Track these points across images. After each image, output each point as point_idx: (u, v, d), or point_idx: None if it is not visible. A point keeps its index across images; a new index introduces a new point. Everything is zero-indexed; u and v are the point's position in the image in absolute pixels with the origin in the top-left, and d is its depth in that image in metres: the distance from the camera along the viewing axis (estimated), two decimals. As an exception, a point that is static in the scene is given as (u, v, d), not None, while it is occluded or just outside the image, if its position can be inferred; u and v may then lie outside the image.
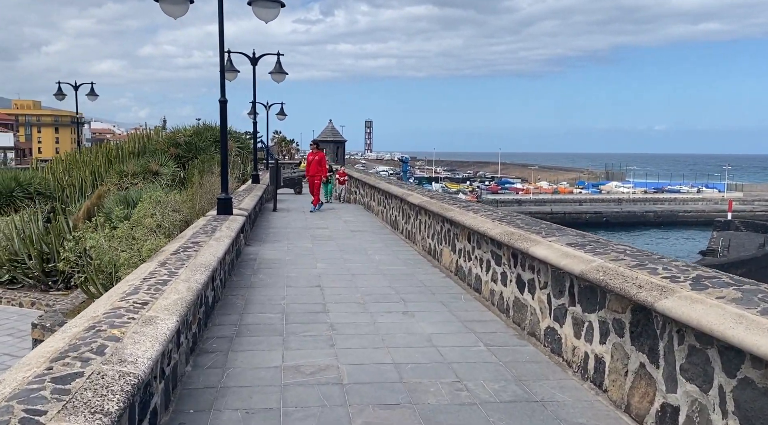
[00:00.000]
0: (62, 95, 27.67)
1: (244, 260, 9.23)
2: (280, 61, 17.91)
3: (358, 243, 11.20)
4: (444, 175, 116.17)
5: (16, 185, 21.77)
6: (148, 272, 5.10)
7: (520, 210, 67.61)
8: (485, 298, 6.99)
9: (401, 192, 12.30)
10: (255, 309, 6.46)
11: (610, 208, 68.27)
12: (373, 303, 6.75)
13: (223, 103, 9.69)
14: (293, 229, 13.13)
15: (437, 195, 10.82)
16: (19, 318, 14.74)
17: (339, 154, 37.98)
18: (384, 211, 14.83)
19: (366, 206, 18.21)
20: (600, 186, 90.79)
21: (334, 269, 8.67)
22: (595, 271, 4.42)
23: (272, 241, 11.29)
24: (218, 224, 8.30)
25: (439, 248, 9.29)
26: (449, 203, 9.33)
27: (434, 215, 9.62)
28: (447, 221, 8.86)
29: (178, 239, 6.95)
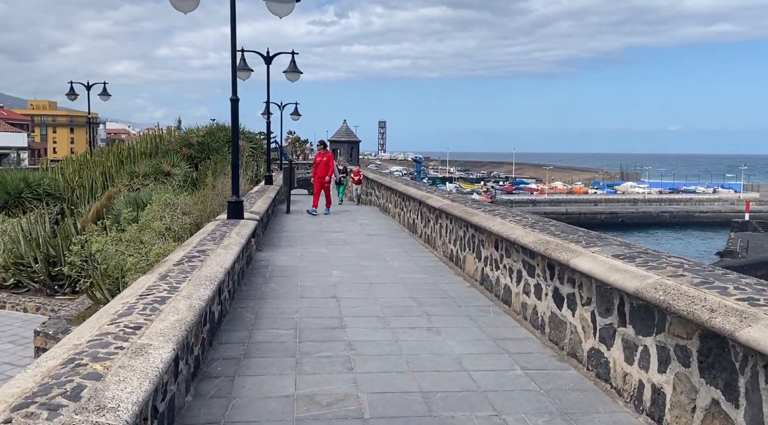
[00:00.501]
0: (74, 95, 27.42)
1: (255, 268, 8.72)
2: (295, 60, 17.45)
3: (375, 248, 10.65)
4: (458, 175, 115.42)
5: (25, 186, 21.47)
6: (146, 287, 4.58)
7: (534, 211, 66.96)
8: (516, 312, 6.41)
9: (420, 195, 11.73)
10: (266, 324, 5.93)
11: (626, 208, 67.58)
12: (394, 317, 6.20)
13: (235, 101, 9.20)
14: (307, 232, 12.62)
15: (459, 198, 10.25)
16: (23, 324, 14.37)
17: (353, 154, 37.49)
18: (401, 213, 14.28)
19: (382, 208, 17.67)
20: (615, 186, 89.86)
21: (350, 278, 8.12)
22: (652, 289, 3.83)
23: (285, 246, 10.78)
24: (228, 229, 7.79)
25: (462, 254, 8.72)
26: (473, 206, 8.75)
27: (457, 220, 9.05)
28: (471, 227, 8.29)
29: (184, 247, 6.44)
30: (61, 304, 15.09)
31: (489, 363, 4.87)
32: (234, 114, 9.16)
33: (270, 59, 17.16)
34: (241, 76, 17.07)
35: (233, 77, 9.16)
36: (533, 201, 72.79)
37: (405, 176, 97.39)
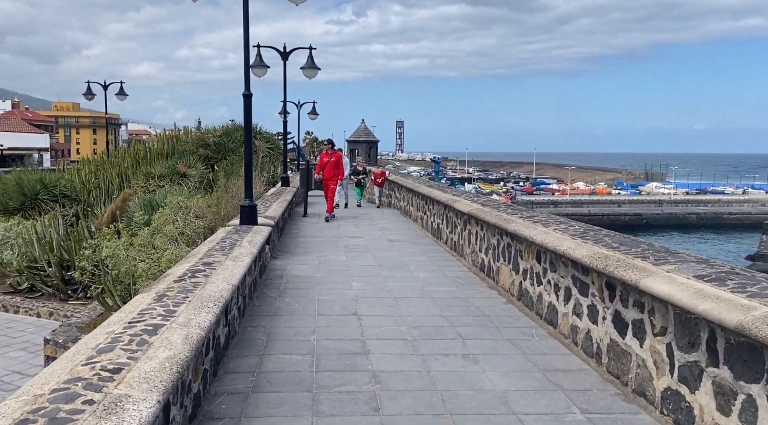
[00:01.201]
0: (92, 95, 27.07)
1: (269, 278, 8.01)
2: (312, 56, 16.74)
3: (397, 256, 9.90)
4: (477, 175, 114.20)
5: (42, 187, 21.08)
6: (138, 310, 3.88)
7: (556, 212, 65.66)
8: (564, 335, 5.61)
9: (446, 198, 10.95)
10: (278, 348, 5.21)
11: (650, 209, 65.99)
12: (424, 340, 5.44)
13: (248, 97, 8.51)
14: (325, 238, 11.90)
15: (489, 202, 9.45)
16: (36, 330, 13.84)
17: (371, 154, 36.78)
18: (424, 217, 13.50)
19: (403, 211, 16.90)
20: (639, 187, 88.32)
21: (372, 290, 7.37)
22: (764, 325, 3.03)
23: (302, 253, 10.07)
24: (239, 237, 7.09)
25: (496, 265, 7.92)
26: (508, 212, 7.95)
27: (489, 226, 8.26)
28: (507, 235, 7.50)
29: (188, 259, 5.75)
30: (74, 309, 14.58)
31: (541, 404, 4.09)
32: (247, 110, 8.47)
33: (287, 55, 16.49)
34: (257, 74, 16.43)
35: (246, 71, 8.46)
36: (554, 202, 71.60)
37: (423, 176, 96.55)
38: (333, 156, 14.79)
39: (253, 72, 16.56)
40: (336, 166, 14.65)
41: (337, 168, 14.63)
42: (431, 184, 14.79)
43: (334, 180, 14.70)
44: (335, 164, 14.66)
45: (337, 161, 14.72)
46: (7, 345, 13.06)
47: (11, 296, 15.66)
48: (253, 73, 16.74)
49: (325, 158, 14.85)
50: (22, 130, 57.61)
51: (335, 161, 14.71)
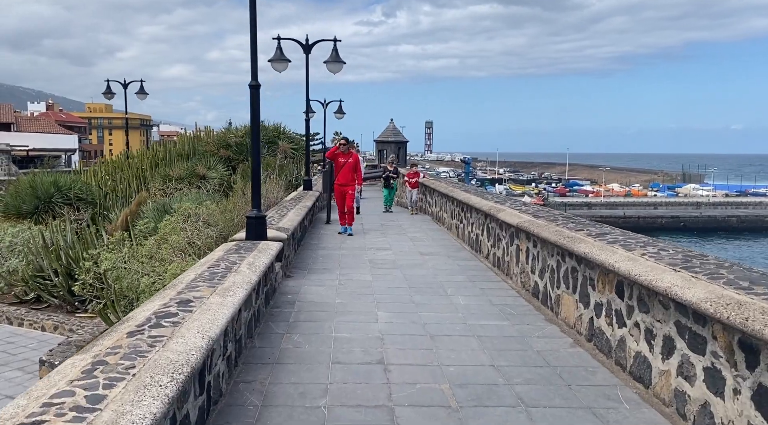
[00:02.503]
0: (111, 94, 26.21)
1: (278, 305, 6.66)
2: (337, 49, 15.40)
3: (431, 274, 8.46)
4: (507, 176, 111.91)
5: (56, 190, 20.21)
6: (47, 397, 2.55)
7: (589, 214, 63.55)
8: (663, 401, 4.12)
9: (487, 206, 9.48)
10: (275, 421, 3.83)
11: (688, 212, 63.76)
12: (474, 408, 4.01)
13: (254, 88, 7.18)
14: (348, 250, 10.53)
15: (543, 213, 7.94)
16: (38, 346, 12.76)
17: (400, 155, 35.36)
18: (460, 226, 12.04)
19: (435, 218, 15.45)
20: (676, 189, 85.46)
21: (402, 324, 5.96)
22: None
23: (320, 269, 8.70)
24: (238, 257, 5.76)
25: (555, 292, 6.44)
26: (570, 227, 6.45)
27: (545, 244, 6.78)
28: (571, 256, 6.01)
29: (161, 295, 4.41)
30: (80, 323, 13.47)
31: None
32: (254, 103, 7.13)
33: (309, 48, 15.18)
34: (278, 68, 15.16)
35: (252, 57, 7.11)
36: (588, 204, 69.58)
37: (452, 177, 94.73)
38: (350, 157, 12.52)
39: (273, 66, 15.29)
40: (353, 169, 12.47)
41: (354, 171, 12.50)
42: (467, 188, 13.27)
43: (351, 185, 12.45)
44: (353, 166, 12.42)
45: (355, 163, 12.50)
46: (5, 364, 11.99)
47: (16, 307, 14.66)
48: (273, 67, 15.48)
49: (340, 157, 12.49)
50: (50, 131, 57.71)
51: (353, 162, 12.44)
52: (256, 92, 7.14)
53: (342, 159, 12.49)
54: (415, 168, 17.51)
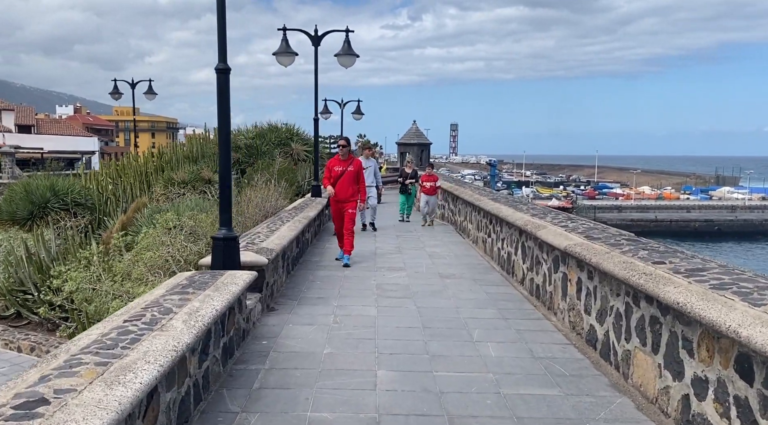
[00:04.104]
0: (119, 94, 24.99)
1: (244, 359, 4.98)
2: (349, 41, 13.77)
3: (453, 307, 6.72)
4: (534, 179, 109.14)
5: (52, 195, 18.90)
6: None
7: (620, 218, 61.10)
8: None
9: (522, 221, 7.69)
10: None
11: (723, 215, 61.20)
12: None
13: (222, 72, 5.53)
14: (353, 270, 8.83)
15: (600, 233, 6.09)
16: (9, 370, 11.27)
17: (423, 157, 33.61)
18: (488, 241, 10.26)
19: (458, 227, 13.68)
20: (710, 192, 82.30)
21: (410, 395, 4.24)
22: None
23: (314, 299, 7.02)
24: (182, 299, 4.12)
25: (623, 346, 4.66)
26: (645, 257, 4.66)
27: (607, 277, 5.00)
28: (650, 301, 4.24)
29: (37, 369, 2.78)
30: (59, 344, 11.97)
31: None
32: (222, 91, 5.49)
33: (318, 40, 13.56)
34: (283, 62, 13.59)
35: (220, 32, 5.45)
36: (618, 207, 67.20)
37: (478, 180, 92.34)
38: (350, 163, 9.37)
39: (278, 60, 13.70)
40: (354, 179, 9.30)
41: (356, 182, 9.32)
42: (497, 197, 11.44)
43: (352, 203, 9.29)
44: (353, 176, 9.28)
45: (356, 172, 9.33)
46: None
47: (-6, 324, 13.24)
48: (278, 61, 13.86)
49: (336, 165, 9.34)
50: (71, 133, 57.22)
51: (353, 171, 9.29)
52: (224, 78, 5.49)
53: (339, 167, 9.30)
54: (430, 170, 15.18)
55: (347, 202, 9.29)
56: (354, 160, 9.56)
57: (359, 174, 9.37)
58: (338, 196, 9.28)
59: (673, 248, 5.15)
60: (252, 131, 22.60)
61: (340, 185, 9.22)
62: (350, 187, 9.25)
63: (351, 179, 9.25)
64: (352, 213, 9.31)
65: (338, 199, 9.32)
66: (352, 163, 9.40)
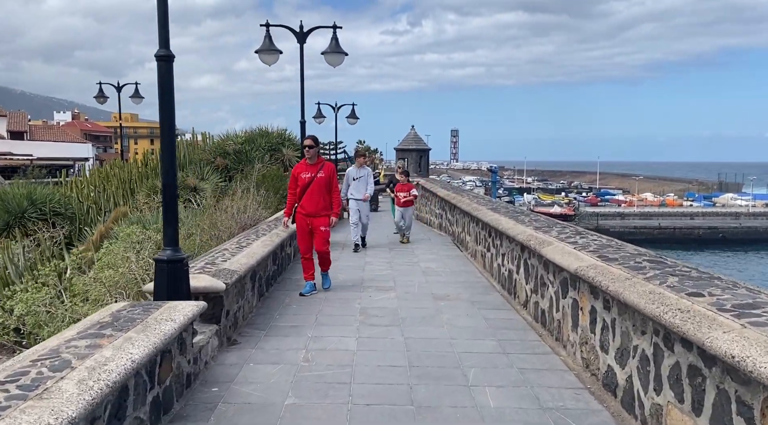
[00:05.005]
0: (104, 98, 24.16)
1: (184, 413, 4.06)
2: (337, 38, 12.91)
3: (446, 338, 5.80)
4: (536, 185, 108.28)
5: (29, 204, 18.03)
6: None
7: (623, 225, 60.22)
8: None
9: (524, 235, 6.78)
10: None
11: (727, 223, 60.39)
12: None
13: (164, 59, 4.64)
14: (335, 289, 7.92)
15: (616, 252, 5.16)
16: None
17: (422, 164, 32.68)
18: (487, 255, 9.35)
19: (456, 239, 12.77)
20: (713, 198, 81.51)
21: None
22: None
23: (286, 328, 6.11)
24: (90, 347, 3.22)
25: (651, 398, 3.74)
26: (674, 284, 3.76)
27: (628, 309, 4.10)
28: (687, 346, 3.34)
29: None
30: None
31: None
32: (164, 79, 4.60)
33: (304, 36, 12.70)
34: (266, 61, 12.71)
35: (161, 14, 4.57)
36: (621, 214, 66.43)
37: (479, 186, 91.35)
38: (321, 168, 7.67)
39: (262, 58, 12.81)
40: (326, 188, 7.67)
41: (328, 192, 7.70)
42: (496, 206, 10.51)
43: (323, 218, 7.66)
44: (324, 184, 7.63)
45: (328, 179, 7.68)
46: None
47: (-43, 346, 12.27)
48: (261, 59, 12.96)
49: (303, 172, 7.66)
50: (64, 140, 56.41)
51: (325, 178, 7.64)
52: (166, 66, 4.60)
53: (306, 173, 7.60)
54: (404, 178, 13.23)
55: (318, 216, 7.62)
56: (325, 164, 7.78)
57: (332, 181, 7.71)
58: (306, 208, 7.60)
59: (708, 273, 4.24)
60: (241, 136, 21.75)
61: (309, 196, 7.58)
62: (321, 198, 7.60)
63: (322, 187, 7.59)
64: (324, 232, 7.67)
65: (306, 212, 7.62)
66: (322, 168, 7.66)
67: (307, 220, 7.64)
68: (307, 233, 7.71)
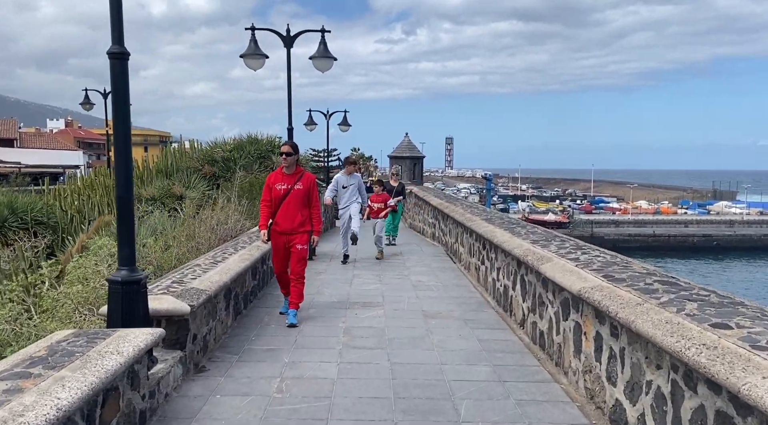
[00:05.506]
0: (90, 104, 23.63)
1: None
2: (325, 42, 12.44)
3: (436, 363, 5.30)
4: (530, 193, 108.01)
5: (10, 213, 17.46)
6: None
7: (618, 233, 59.94)
8: None
9: (521, 250, 6.30)
10: None
11: (721, 230, 60.24)
12: None
13: (117, 56, 4.16)
14: (319, 307, 7.41)
15: (624, 269, 4.67)
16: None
17: (416, 171, 32.24)
18: (481, 268, 8.87)
19: (449, 249, 12.28)
20: (707, 206, 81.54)
21: None
22: None
23: (261, 349, 5.60)
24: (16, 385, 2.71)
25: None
26: (693, 313, 3.28)
27: (640, 340, 3.62)
28: (715, 389, 2.85)
29: None
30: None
31: None
32: (117, 79, 4.12)
33: (291, 41, 12.22)
34: (252, 66, 12.23)
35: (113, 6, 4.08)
36: (615, 222, 66.23)
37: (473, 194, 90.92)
38: (299, 179, 6.71)
39: (246, 63, 12.30)
40: (304, 201, 6.70)
41: (307, 206, 6.73)
42: (491, 216, 10.01)
43: (301, 235, 6.69)
44: (303, 196, 6.69)
45: (306, 191, 6.69)
46: None
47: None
48: (246, 64, 12.48)
49: (279, 183, 6.71)
50: (55, 147, 55.72)
51: (303, 190, 6.68)
52: (120, 64, 4.11)
53: (282, 184, 6.67)
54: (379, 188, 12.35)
55: (294, 234, 6.63)
56: (304, 174, 6.77)
57: (311, 195, 6.73)
58: (281, 225, 6.62)
59: (729, 298, 3.76)
60: (230, 143, 21.22)
61: (285, 210, 6.61)
62: (298, 212, 6.62)
63: (299, 201, 6.63)
64: (302, 251, 6.69)
65: (282, 229, 6.63)
66: (301, 178, 6.69)
67: (282, 239, 6.70)
68: (283, 251, 6.75)
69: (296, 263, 6.74)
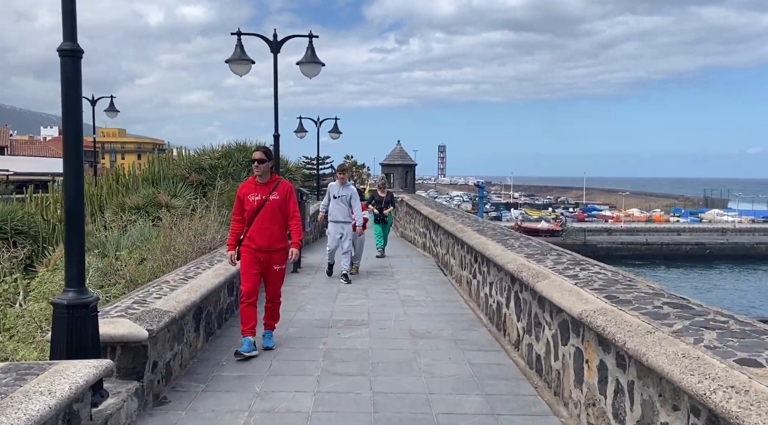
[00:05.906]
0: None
1: None
2: (313, 47, 12.02)
3: (423, 392, 4.83)
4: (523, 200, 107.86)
5: (-12, 222, 16.89)
6: None
7: (610, 241, 59.68)
8: None
9: (515, 265, 5.86)
10: None
11: (714, 238, 60.13)
12: None
13: (69, 54, 3.71)
14: (300, 327, 6.93)
15: (628, 290, 4.21)
16: None
17: (408, 179, 31.84)
18: (473, 282, 8.42)
19: (440, 261, 11.83)
20: (699, 214, 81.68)
21: None
22: None
23: (231, 377, 5.11)
24: None
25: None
26: (713, 344, 2.85)
27: (652, 375, 3.17)
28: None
29: None
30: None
31: None
32: (68, 77, 3.67)
33: (278, 46, 11.79)
34: (238, 71, 11.79)
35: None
36: (608, 230, 66.04)
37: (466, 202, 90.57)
38: (274, 188, 5.87)
39: (232, 68, 11.85)
40: (281, 213, 5.88)
41: (283, 218, 5.92)
42: (483, 227, 9.56)
43: (280, 253, 5.94)
44: (278, 208, 5.85)
45: (283, 201, 5.86)
46: None
47: None
48: (232, 69, 12.03)
49: (252, 193, 5.86)
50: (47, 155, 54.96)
51: (279, 200, 5.85)
52: (72, 62, 3.66)
53: (255, 195, 5.82)
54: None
55: (272, 251, 5.82)
56: (280, 182, 5.92)
57: (288, 204, 5.89)
58: (257, 242, 5.76)
59: (750, 324, 3.34)
60: (218, 150, 20.74)
61: (259, 225, 5.74)
62: (275, 227, 5.79)
63: (276, 213, 5.79)
64: (280, 272, 5.96)
65: (258, 246, 5.76)
66: (276, 187, 5.82)
67: (257, 255, 5.78)
68: (257, 271, 5.80)
69: (274, 290, 6.04)
